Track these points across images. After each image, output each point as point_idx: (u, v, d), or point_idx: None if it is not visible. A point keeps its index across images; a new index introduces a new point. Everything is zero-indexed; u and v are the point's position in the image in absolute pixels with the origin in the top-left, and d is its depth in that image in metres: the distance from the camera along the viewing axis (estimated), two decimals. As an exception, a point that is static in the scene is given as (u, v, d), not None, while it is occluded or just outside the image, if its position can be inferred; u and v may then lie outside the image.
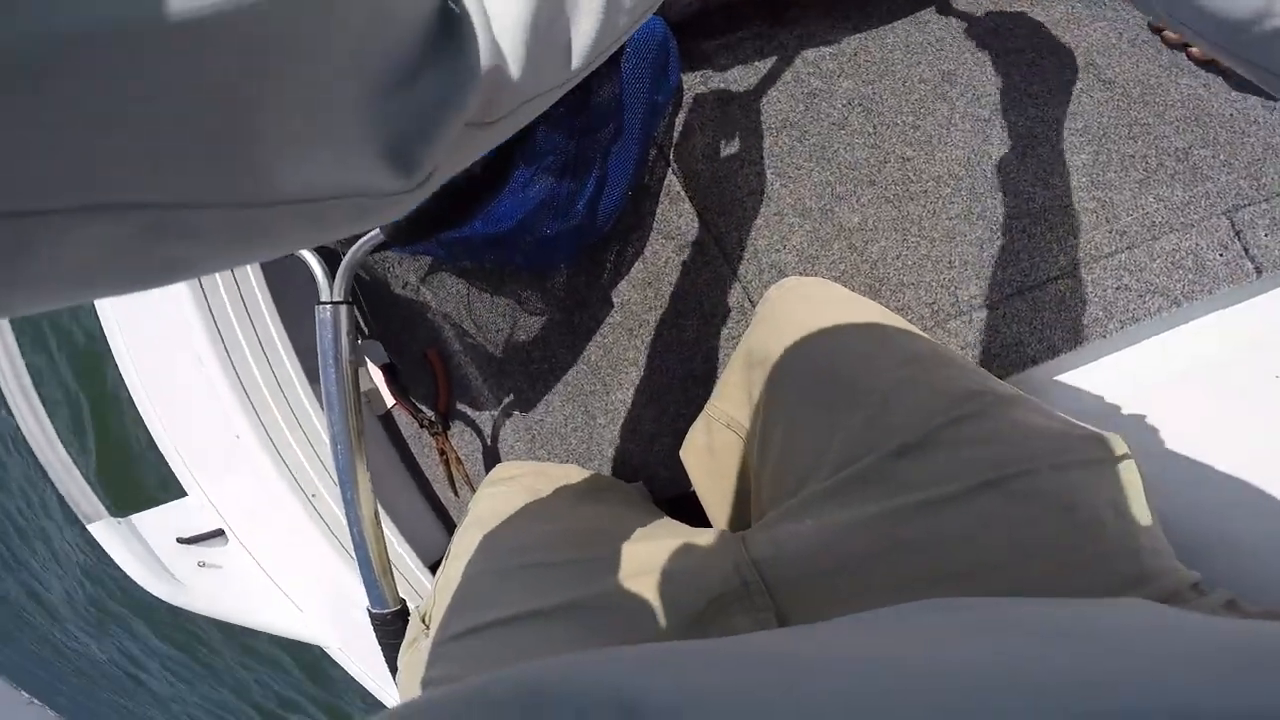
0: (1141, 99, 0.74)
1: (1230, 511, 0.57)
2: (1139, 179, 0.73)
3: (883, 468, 0.40)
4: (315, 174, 0.18)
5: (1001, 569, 0.36)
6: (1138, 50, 0.74)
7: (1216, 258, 0.71)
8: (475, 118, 0.24)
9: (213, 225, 0.17)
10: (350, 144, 0.19)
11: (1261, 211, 0.71)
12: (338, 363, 0.57)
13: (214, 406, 0.70)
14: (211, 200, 0.16)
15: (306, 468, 0.72)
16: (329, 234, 0.21)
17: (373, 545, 0.57)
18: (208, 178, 0.16)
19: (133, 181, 0.14)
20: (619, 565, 0.44)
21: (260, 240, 0.19)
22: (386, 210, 0.22)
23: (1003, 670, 0.16)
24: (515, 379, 0.85)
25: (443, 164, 0.23)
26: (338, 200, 0.20)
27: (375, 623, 0.57)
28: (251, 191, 0.17)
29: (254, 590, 0.72)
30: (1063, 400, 0.70)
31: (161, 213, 0.15)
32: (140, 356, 0.71)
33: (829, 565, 0.39)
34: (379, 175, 0.21)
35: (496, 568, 0.46)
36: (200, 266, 0.19)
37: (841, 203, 0.77)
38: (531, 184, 0.67)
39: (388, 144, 0.20)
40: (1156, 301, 0.71)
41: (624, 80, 0.67)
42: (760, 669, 0.19)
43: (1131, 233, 0.72)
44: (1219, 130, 0.72)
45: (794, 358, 0.49)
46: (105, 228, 0.14)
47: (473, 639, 0.41)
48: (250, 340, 0.73)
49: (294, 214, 0.19)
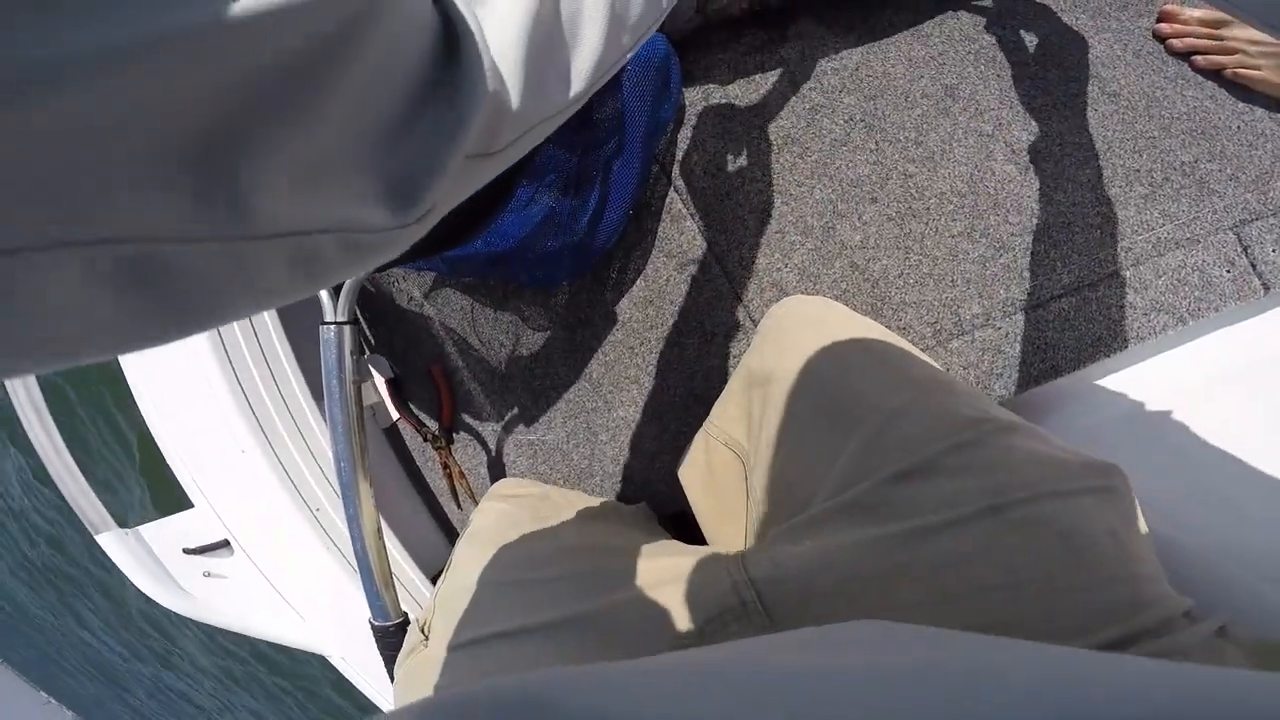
0: (1147, 112, 0.73)
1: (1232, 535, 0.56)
2: (1144, 194, 0.72)
3: (882, 492, 0.40)
4: (303, 211, 0.18)
5: (997, 594, 0.36)
6: (1143, 62, 0.74)
7: (1223, 274, 0.70)
8: (477, 149, 0.24)
9: (194, 263, 0.16)
10: (346, 186, 0.19)
11: (1269, 226, 0.70)
12: (341, 382, 0.57)
13: (220, 422, 0.71)
14: (189, 235, 0.15)
15: (310, 482, 0.73)
16: (321, 275, 0.20)
17: (374, 558, 0.57)
18: (185, 210, 0.15)
19: (105, 215, 0.13)
20: (617, 582, 0.44)
21: (248, 282, 0.18)
22: (382, 248, 0.21)
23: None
24: (518, 394, 0.86)
25: (443, 197, 0.23)
26: (328, 235, 0.19)
27: (377, 634, 0.58)
28: (231, 226, 0.16)
29: (258, 600, 0.73)
30: (1065, 420, 0.70)
31: (137, 248, 0.14)
32: (148, 372, 0.72)
33: (827, 587, 0.39)
34: (375, 212, 0.20)
35: (495, 580, 0.46)
36: (195, 314, 0.18)
37: (843, 220, 0.77)
38: (534, 201, 0.67)
39: (387, 183, 0.20)
40: (1162, 319, 0.71)
41: (626, 97, 0.67)
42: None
43: (1137, 249, 0.71)
44: (1226, 143, 0.71)
45: (795, 379, 0.49)
46: (81, 265, 0.14)
47: (468, 651, 0.42)
48: (256, 357, 0.75)
49: (280, 249, 0.18)
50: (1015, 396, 0.73)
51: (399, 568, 0.76)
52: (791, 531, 0.43)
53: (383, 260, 0.23)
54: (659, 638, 0.41)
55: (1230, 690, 0.16)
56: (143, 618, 2.70)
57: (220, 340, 0.71)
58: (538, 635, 0.41)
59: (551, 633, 0.41)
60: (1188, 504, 0.57)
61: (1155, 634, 0.34)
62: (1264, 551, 0.53)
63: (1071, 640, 0.34)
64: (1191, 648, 0.34)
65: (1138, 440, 0.63)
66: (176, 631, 2.67)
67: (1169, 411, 0.64)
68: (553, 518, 0.54)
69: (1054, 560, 0.36)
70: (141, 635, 2.75)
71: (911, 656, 0.21)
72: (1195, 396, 0.65)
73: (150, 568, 0.73)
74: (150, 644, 2.76)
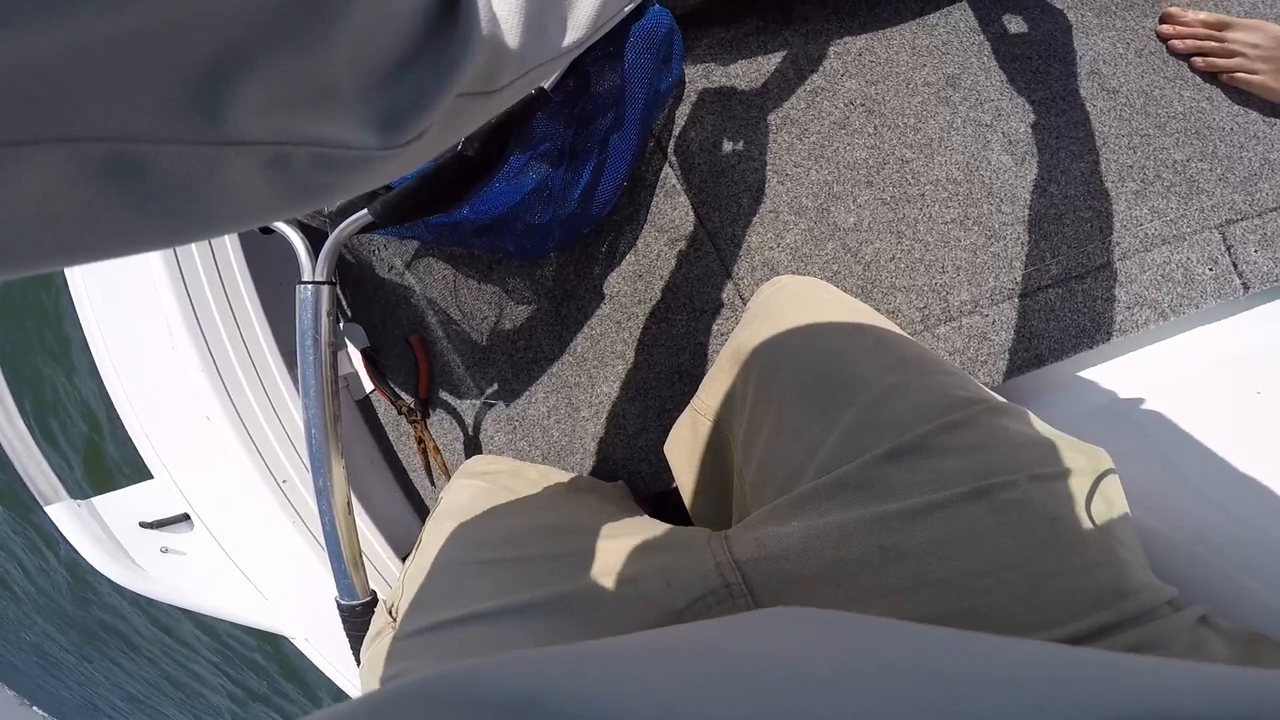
0: (1144, 109, 0.74)
1: (1208, 526, 0.57)
2: (1135, 190, 0.72)
3: (870, 471, 0.40)
4: (282, 126, 0.17)
5: (984, 578, 0.36)
6: (1143, 61, 0.74)
7: (1206, 272, 0.71)
8: (476, 88, 0.24)
9: (169, 165, 0.16)
10: (333, 111, 0.18)
11: (1254, 227, 0.71)
12: (316, 345, 0.55)
13: (185, 386, 0.68)
14: (163, 137, 0.15)
15: (278, 453, 0.70)
16: (302, 192, 0.20)
17: (344, 534, 0.55)
18: (167, 116, 0.15)
19: (92, 114, 0.13)
20: (595, 562, 0.43)
21: (221, 188, 0.17)
22: (360, 166, 0.21)
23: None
24: (499, 368, 0.84)
25: (440, 131, 0.23)
26: (306, 149, 0.18)
27: (344, 614, 0.56)
28: (204, 131, 0.16)
29: (218, 577, 0.70)
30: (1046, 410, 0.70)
31: (113, 146, 0.14)
32: (110, 332, 0.68)
33: (813, 570, 0.39)
34: (357, 134, 0.20)
35: (466, 560, 0.45)
36: (176, 218, 0.17)
37: (838, 202, 0.76)
38: (525, 171, 0.65)
39: (376, 113, 0.20)
40: (1145, 314, 0.72)
41: (626, 70, 0.66)
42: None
43: (1124, 244, 0.72)
44: (1218, 144, 0.72)
45: (784, 357, 0.49)
46: (63, 161, 0.14)
47: (437, 635, 0.40)
48: (226, 319, 0.71)
49: (253, 156, 0.17)
50: (1000, 384, 0.74)
51: (368, 545, 0.74)
52: (778, 511, 0.42)
53: (363, 181, 0.22)
54: (639, 621, 0.40)
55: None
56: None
57: (189, 300, 0.67)
58: (513, 617, 0.40)
59: (527, 615, 0.40)
60: (1163, 494, 0.58)
61: (1140, 621, 0.35)
62: (1234, 540, 0.54)
63: (1058, 626, 0.34)
64: (1175, 636, 0.34)
65: (1117, 432, 0.64)
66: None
67: (1147, 405, 0.65)
68: (527, 495, 0.52)
69: (1040, 545, 0.36)
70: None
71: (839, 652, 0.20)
72: (1172, 391, 0.67)
73: (103, 542, 0.69)
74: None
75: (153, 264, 0.66)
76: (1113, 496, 0.39)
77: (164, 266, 0.66)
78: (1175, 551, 0.50)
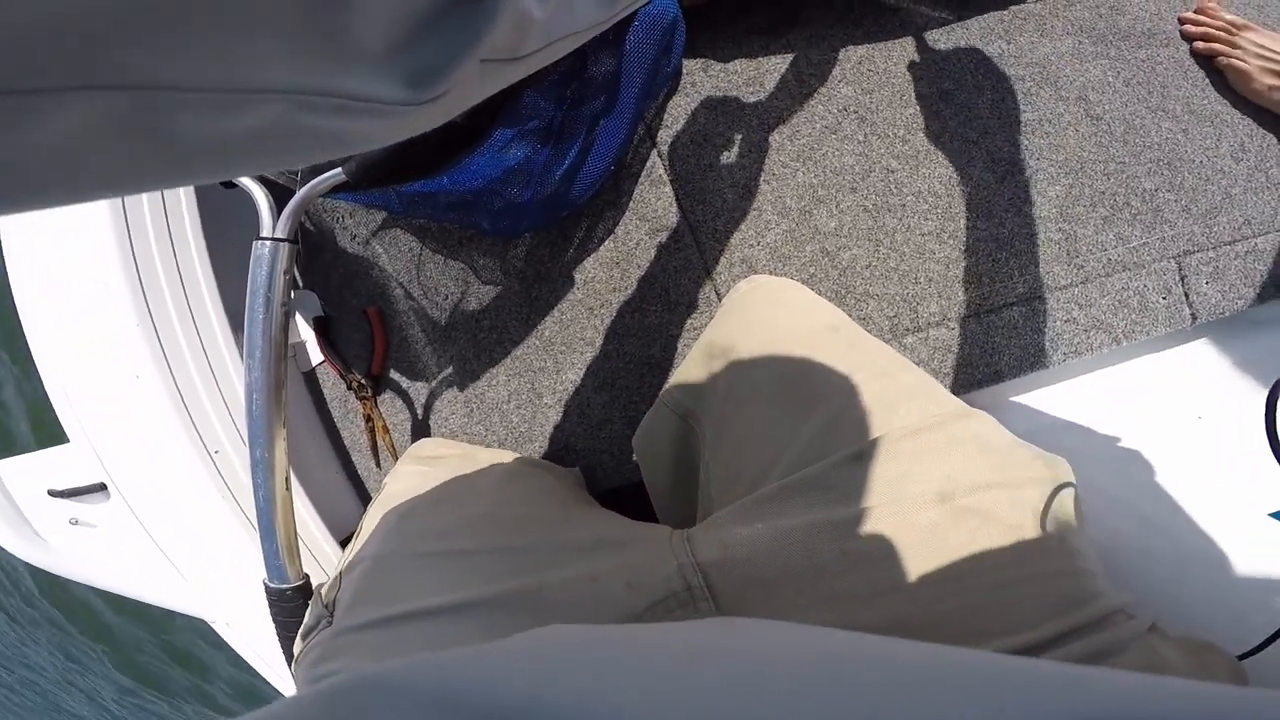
0: (1123, 138, 0.76)
1: (1148, 543, 0.59)
2: (1104, 215, 0.75)
3: (836, 473, 0.40)
4: (309, 74, 0.17)
5: (946, 584, 0.36)
6: (1130, 90, 0.77)
7: (1160, 300, 0.74)
8: (500, 54, 0.24)
9: (194, 110, 0.16)
10: (344, 65, 0.18)
11: (1208, 259, 0.74)
12: (268, 304, 0.51)
13: (115, 338, 0.62)
14: (182, 85, 0.15)
15: (213, 419, 0.65)
16: (310, 144, 0.20)
17: (280, 512, 0.51)
18: (190, 68, 0.15)
19: (125, 62, 0.14)
20: (552, 558, 0.41)
21: (241, 135, 0.17)
22: (384, 122, 0.21)
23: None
24: (459, 347, 0.80)
25: (460, 93, 0.23)
26: (333, 99, 0.19)
27: (271, 597, 0.52)
28: (221, 79, 0.16)
29: (133, 554, 0.64)
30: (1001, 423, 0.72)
31: (145, 94, 0.14)
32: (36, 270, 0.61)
33: (774, 574, 0.38)
34: (390, 89, 0.20)
35: (413, 551, 0.42)
36: (186, 164, 0.18)
37: (821, 206, 0.76)
38: (510, 146, 0.63)
39: (406, 71, 0.20)
40: (1099, 337, 0.74)
41: (627, 53, 0.64)
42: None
43: (1088, 267, 0.74)
44: (1187, 175, 0.75)
45: (757, 355, 0.48)
46: (98, 110, 0.14)
47: (381, 631, 0.38)
48: (169, 269, 0.65)
49: (279, 104, 0.17)
50: (959, 398, 0.75)
51: (304, 526, 0.69)
52: (743, 510, 0.41)
53: (379, 135, 0.22)
54: (598, 621, 0.38)
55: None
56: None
57: (130, 244, 0.62)
58: (463, 614, 0.38)
59: (478, 612, 0.38)
60: (1107, 512, 0.60)
61: (1096, 628, 0.35)
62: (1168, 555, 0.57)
63: (1017, 634, 0.35)
64: (1128, 643, 0.35)
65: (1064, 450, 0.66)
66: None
67: (1093, 426, 0.68)
68: (477, 481, 0.50)
69: (1001, 552, 0.37)
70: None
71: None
72: (1120, 413, 0.69)
73: (4, 510, 0.63)
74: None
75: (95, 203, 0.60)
76: (1072, 506, 0.39)
77: (107, 204, 0.60)
78: (1116, 561, 0.52)
